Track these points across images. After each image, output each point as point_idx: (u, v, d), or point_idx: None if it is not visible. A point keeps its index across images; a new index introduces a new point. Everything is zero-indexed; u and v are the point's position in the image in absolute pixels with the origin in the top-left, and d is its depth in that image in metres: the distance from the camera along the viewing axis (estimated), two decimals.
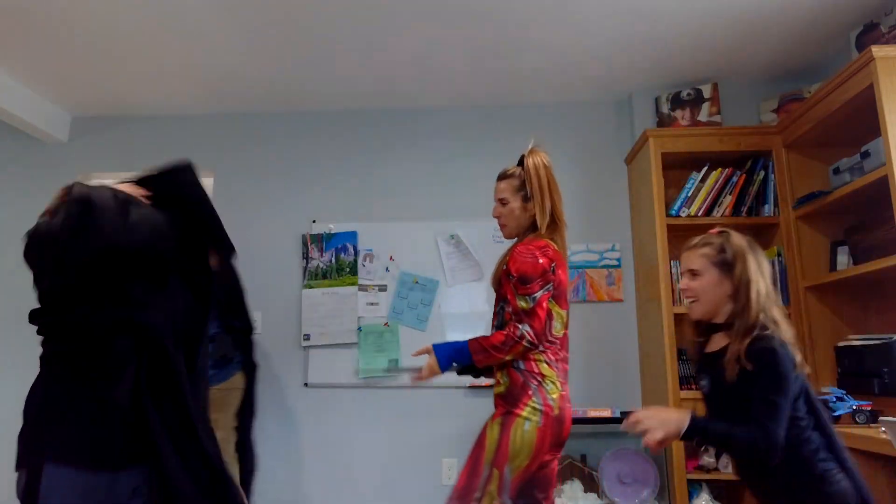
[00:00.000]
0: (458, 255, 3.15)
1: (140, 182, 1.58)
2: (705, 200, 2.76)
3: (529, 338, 1.68)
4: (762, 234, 2.88)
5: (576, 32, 2.64)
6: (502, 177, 1.88)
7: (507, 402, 1.72)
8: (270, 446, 3.04)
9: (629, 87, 3.16)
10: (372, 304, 3.12)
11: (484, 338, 1.73)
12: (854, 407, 2.03)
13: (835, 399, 2.08)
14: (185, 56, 2.83)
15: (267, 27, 2.59)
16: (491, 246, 3.13)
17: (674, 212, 2.76)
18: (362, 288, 3.14)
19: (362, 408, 3.06)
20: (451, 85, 3.13)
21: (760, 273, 1.49)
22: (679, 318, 2.77)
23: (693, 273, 1.57)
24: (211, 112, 3.45)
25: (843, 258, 2.50)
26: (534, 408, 1.67)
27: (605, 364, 3.01)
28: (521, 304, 1.69)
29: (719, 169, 2.77)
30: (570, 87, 3.15)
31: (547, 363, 1.72)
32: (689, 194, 2.77)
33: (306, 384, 3.09)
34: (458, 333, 3.06)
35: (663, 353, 2.60)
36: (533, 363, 1.72)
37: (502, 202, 1.85)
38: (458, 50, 2.78)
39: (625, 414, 2.74)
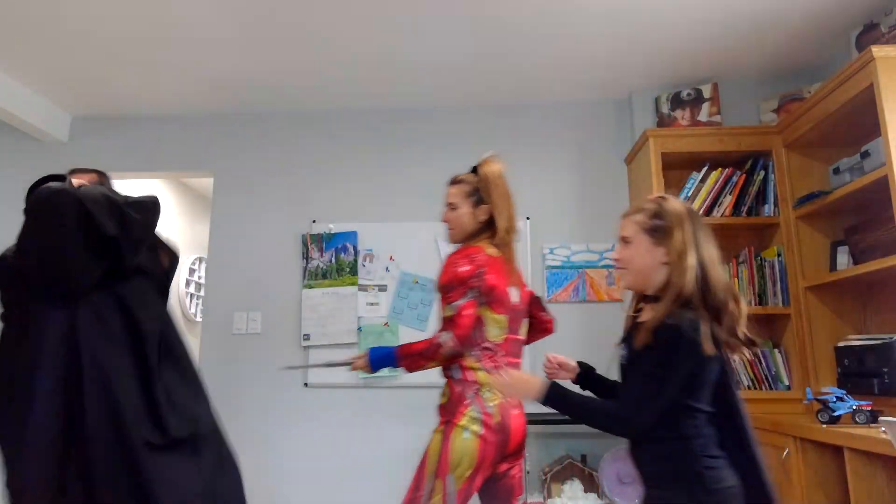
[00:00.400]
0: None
1: None
2: (705, 200, 2.75)
3: (451, 345, 1.66)
4: (762, 234, 2.89)
5: (576, 33, 2.64)
6: (454, 182, 1.88)
7: (447, 413, 1.71)
8: (270, 446, 3.04)
9: (629, 87, 3.16)
10: (372, 304, 3.13)
11: (409, 344, 1.73)
12: (854, 407, 2.02)
13: (835, 399, 2.08)
14: (185, 56, 2.83)
15: (267, 27, 2.59)
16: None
17: None
18: (362, 288, 3.14)
19: (362, 408, 3.06)
20: (452, 85, 3.13)
21: (696, 243, 1.33)
22: None
23: (624, 240, 1.46)
24: (211, 112, 3.45)
25: (843, 258, 2.49)
26: (472, 417, 1.65)
27: (605, 364, 3.01)
28: (445, 312, 1.70)
29: (719, 169, 2.77)
30: (570, 87, 3.15)
31: (485, 371, 1.70)
32: (689, 194, 2.77)
33: (306, 384, 3.09)
34: None
35: None
36: (468, 371, 1.71)
37: (452, 206, 1.84)
38: (459, 50, 2.78)
39: None
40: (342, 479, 2.99)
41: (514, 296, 1.81)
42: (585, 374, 1.72)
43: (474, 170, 1.88)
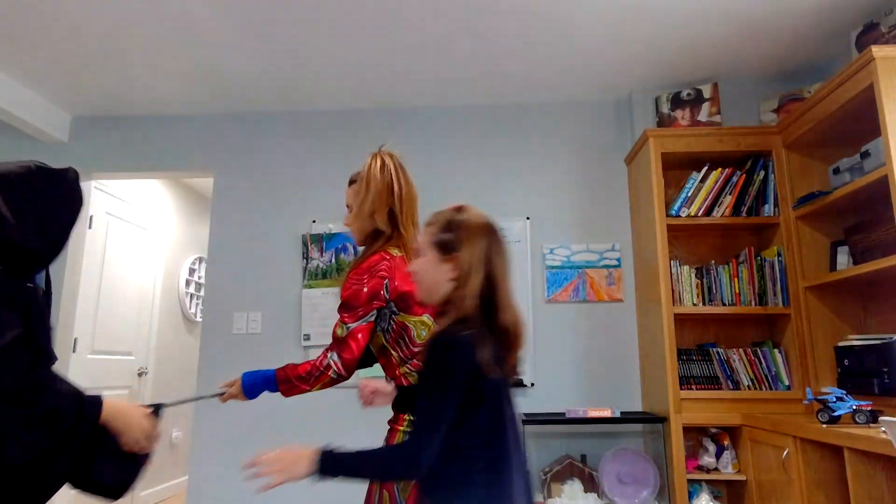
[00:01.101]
0: None
1: None
2: (705, 200, 2.76)
3: (336, 369, 1.58)
4: (762, 234, 2.89)
5: (576, 32, 2.64)
6: (350, 182, 1.74)
7: (390, 420, 1.66)
8: (270, 446, 3.03)
9: (629, 87, 3.16)
10: None
11: (292, 366, 1.63)
12: (854, 407, 2.02)
13: (835, 399, 2.08)
14: (185, 56, 2.83)
15: (267, 27, 2.59)
16: None
17: (674, 212, 2.76)
18: None
19: (362, 408, 3.05)
20: (451, 85, 3.13)
21: (485, 261, 1.24)
22: (679, 318, 2.78)
23: (418, 251, 1.36)
24: (211, 112, 3.46)
25: (843, 258, 2.50)
26: (412, 420, 1.58)
27: (605, 364, 3.01)
28: (337, 331, 1.58)
29: (719, 169, 2.78)
30: (571, 87, 3.15)
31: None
32: (689, 194, 2.77)
33: None
34: None
35: (663, 353, 2.60)
36: (402, 378, 1.63)
37: (349, 208, 1.71)
38: (459, 50, 2.78)
39: (625, 414, 2.75)
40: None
41: None
42: (402, 396, 1.61)
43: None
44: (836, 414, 2.04)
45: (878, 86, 2.03)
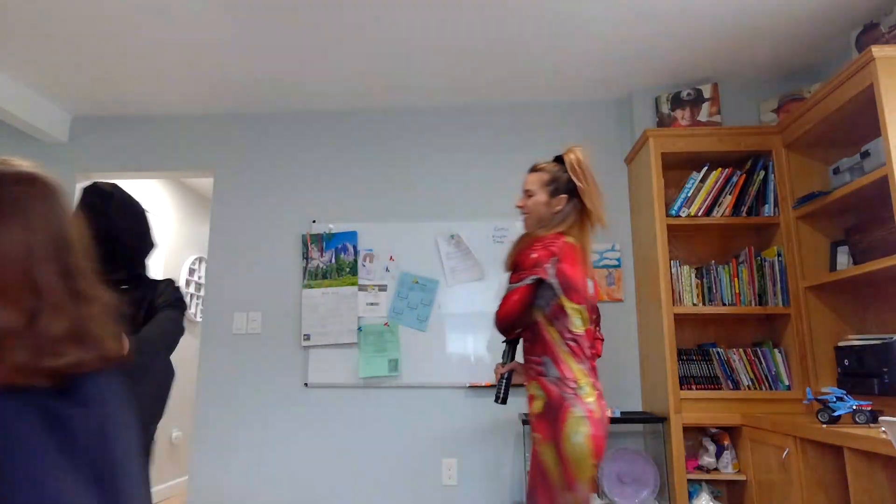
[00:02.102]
0: (459, 255, 3.15)
1: None
2: (705, 200, 2.76)
3: (494, 320, 1.71)
4: (762, 234, 2.89)
5: (576, 32, 2.64)
6: (533, 170, 1.85)
7: (548, 420, 1.62)
8: (270, 446, 3.04)
9: (629, 87, 3.16)
10: (372, 304, 3.13)
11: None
12: (854, 407, 2.02)
13: (835, 399, 2.08)
14: (185, 56, 2.83)
15: (267, 27, 2.59)
16: (491, 246, 3.13)
17: (674, 212, 2.76)
18: (362, 288, 3.14)
19: (362, 408, 3.06)
20: (451, 85, 3.13)
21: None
22: (679, 318, 2.78)
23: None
24: (211, 112, 3.46)
25: (843, 258, 2.50)
26: (577, 418, 1.57)
27: (605, 364, 3.01)
28: (506, 289, 1.72)
29: (719, 169, 2.78)
30: (570, 87, 3.15)
31: (576, 362, 1.65)
32: (689, 194, 2.77)
33: (306, 384, 3.09)
34: (459, 334, 3.06)
35: (663, 353, 2.60)
36: (564, 367, 1.63)
37: (528, 193, 1.82)
38: (459, 50, 2.78)
39: (625, 414, 2.75)
40: (342, 478, 2.99)
41: (590, 287, 1.77)
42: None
43: (556, 160, 1.84)
44: (836, 414, 2.04)
45: (878, 86, 2.03)
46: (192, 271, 4.78)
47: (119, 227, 1.67)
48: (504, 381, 1.79)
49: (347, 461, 3.01)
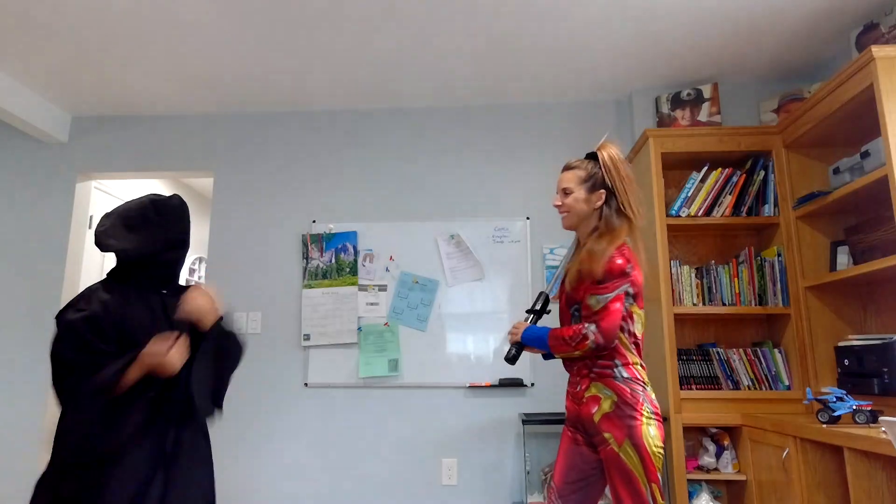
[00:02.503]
0: (459, 255, 3.15)
1: None
2: (705, 200, 2.75)
3: (594, 338, 1.63)
4: (762, 234, 2.89)
5: (576, 32, 2.64)
6: (568, 167, 1.86)
7: (621, 419, 1.64)
8: (271, 446, 3.04)
9: (629, 87, 3.16)
10: (372, 304, 3.13)
11: (559, 329, 1.73)
12: (854, 407, 2.02)
13: (835, 399, 2.08)
14: (186, 56, 2.83)
15: (267, 27, 2.59)
16: (491, 246, 3.13)
17: (674, 212, 2.76)
18: (362, 288, 3.14)
19: (362, 408, 3.06)
20: (451, 85, 3.13)
21: None
22: (679, 318, 2.77)
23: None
24: (211, 112, 3.46)
25: (843, 258, 2.50)
26: (648, 414, 1.64)
27: None
28: (591, 302, 1.67)
29: (719, 169, 2.78)
30: (570, 87, 3.15)
31: (641, 366, 1.71)
32: (689, 194, 2.77)
33: (306, 384, 3.09)
34: (459, 334, 3.06)
35: (663, 353, 2.60)
36: (633, 368, 1.69)
37: (566, 192, 1.82)
38: (459, 50, 2.78)
39: None
40: (342, 478, 2.99)
41: None
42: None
43: (589, 157, 1.85)
44: (836, 414, 2.04)
45: (878, 86, 2.03)
46: (192, 271, 4.79)
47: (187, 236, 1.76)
48: (518, 347, 1.81)
49: (347, 461, 3.01)
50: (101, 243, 1.61)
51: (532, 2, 2.42)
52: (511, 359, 1.81)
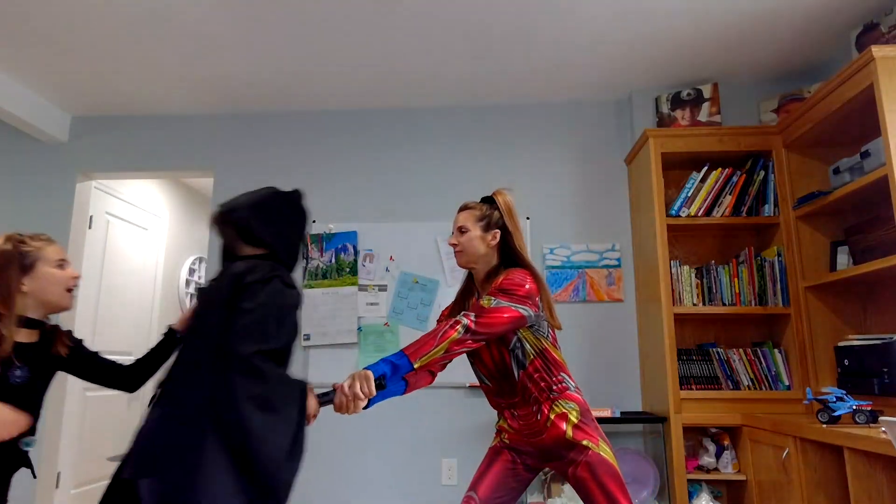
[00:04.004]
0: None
1: None
2: (705, 200, 2.76)
3: (467, 322, 1.60)
4: (762, 234, 2.89)
5: (576, 32, 2.64)
6: (464, 208, 1.88)
7: (589, 423, 1.71)
8: None
9: (629, 87, 3.16)
10: (372, 304, 3.13)
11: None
12: (854, 407, 2.02)
13: (835, 399, 2.08)
14: (185, 56, 2.83)
15: (267, 27, 2.59)
16: None
17: (674, 212, 2.76)
18: (362, 288, 3.14)
19: None
20: (451, 85, 3.13)
21: None
22: (679, 318, 2.78)
23: None
24: (211, 112, 3.46)
25: (843, 258, 2.50)
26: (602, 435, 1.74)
27: (605, 364, 3.01)
28: (483, 301, 1.65)
29: (719, 169, 2.78)
30: (570, 87, 3.15)
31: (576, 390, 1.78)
32: (689, 194, 2.77)
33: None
34: None
35: (663, 353, 2.60)
36: (572, 378, 1.77)
37: (462, 230, 1.83)
38: (458, 50, 2.78)
39: (625, 414, 2.75)
40: (342, 478, 2.99)
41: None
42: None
43: (486, 200, 1.89)
44: (836, 414, 2.04)
45: (878, 86, 2.03)
46: (192, 271, 4.78)
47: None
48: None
49: (347, 461, 3.01)
50: (259, 233, 1.53)
51: (532, 2, 2.42)
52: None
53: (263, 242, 1.55)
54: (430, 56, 2.84)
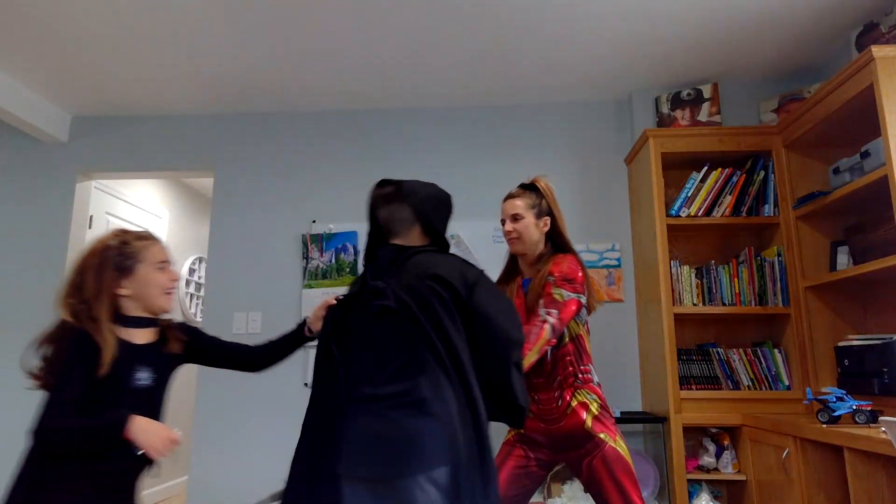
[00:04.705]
0: (459, 255, 3.14)
1: None
2: (705, 200, 2.76)
3: (553, 321, 1.68)
4: (762, 234, 2.89)
5: (576, 32, 2.64)
6: (514, 195, 1.94)
7: (607, 417, 1.75)
8: (270, 446, 3.04)
9: (629, 87, 3.16)
10: None
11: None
12: (854, 407, 2.02)
13: (835, 399, 2.08)
14: (185, 56, 2.83)
15: (266, 27, 2.59)
16: (491, 246, 3.13)
17: (674, 212, 2.76)
18: None
19: None
20: (451, 85, 3.13)
21: None
22: (679, 318, 2.78)
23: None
24: (211, 112, 3.46)
25: (843, 258, 2.50)
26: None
27: (605, 364, 3.01)
28: (555, 294, 1.72)
29: (719, 169, 2.78)
30: (570, 87, 3.15)
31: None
32: (689, 194, 2.77)
33: (306, 384, 3.09)
34: None
35: (663, 353, 2.60)
36: (596, 372, 1.83)
37: (515, 217, 1.89)
38: (459, 50, 2.78)
39: (625, 414, 2.75)
40: None
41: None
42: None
43: (526, 187, 1.95)
44: (836, 414, 2.04)
45: (878, 86, 2.03)
46: (192, 271, 4.78)
47: None
48: None
49: None
50: (436, 224, 1.55)
51: (532, 2, 2.42)
52: None
53: (436, 234, 1.56)
54: (431, 57, 2.83)
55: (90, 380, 1.41)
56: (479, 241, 3.14)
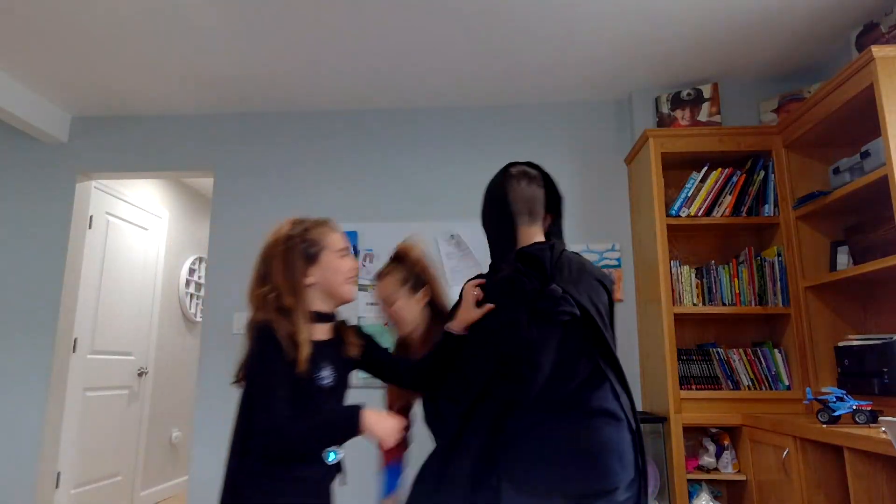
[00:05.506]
0: (459, 254, 3.15)
1: None
2: (705, 200, 2.76)
3: None
4: (762, 234, 2.89)
5: (576, 32, 2.64)
6: (380, 277, 1.74)
7: None
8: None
9: (629, 87, 3.16)
10: (372, 304, 3.12)
11: None
12: (854, 407, 2.02)
13: (835, 399, 2.08)
14: (185, 56, 2.83)
15: (266, 27, 2.59)
16: None
17: (674, 212, 2.76)
18: (362, 288, 3.14)
19: None
20: (452, 85, 3.13)
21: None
22: (679, 318, 2.78)
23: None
24: (211, 112, 3.46)
25: (843, 258, 2.50)
26: None
27: None
28: None
29: (719, 169, 2.78)
30: (570, 87, 3.15)
31: None
32: (689, 194, 2.77)
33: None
34: None
35: (663, 353, 2.60)
36: None
37: (388, 302, 1.71)
38: (459, 50, 2.78)
39: None
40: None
41: None
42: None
43: (395, 259, 1.76)
44: (836, 414, 2.04)
45: (878, 86, 2.03)
46: (192, 271, 4.78)
47: None
48: None
49: (346, 461, 3.00)
50: (559, 204, 1.58)
51: (532, 2, 2.42)
52: None
53: (558, 216, 1.57)
54: (431, 56, 2.83)
55: (291, 376, 1.33)
56: (479, 240, 3.14)
